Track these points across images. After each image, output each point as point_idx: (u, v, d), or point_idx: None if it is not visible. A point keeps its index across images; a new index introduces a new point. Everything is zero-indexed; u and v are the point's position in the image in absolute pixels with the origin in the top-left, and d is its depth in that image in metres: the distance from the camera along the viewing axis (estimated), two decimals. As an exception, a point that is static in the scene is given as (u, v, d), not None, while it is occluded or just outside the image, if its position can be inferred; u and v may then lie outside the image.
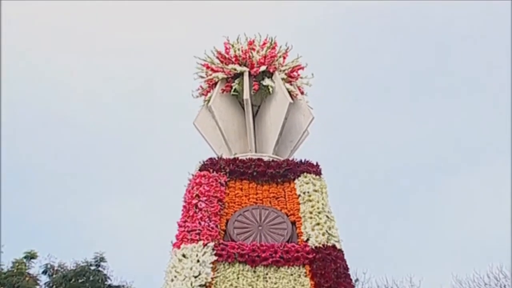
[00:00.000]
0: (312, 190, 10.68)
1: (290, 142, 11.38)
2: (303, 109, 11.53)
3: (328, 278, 9.78)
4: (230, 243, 10.23)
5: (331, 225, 10.37)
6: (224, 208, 10.65)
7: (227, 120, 11.47)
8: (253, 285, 9.81)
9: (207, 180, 10.84)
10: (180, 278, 9.72)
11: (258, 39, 11.77)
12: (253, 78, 11.53)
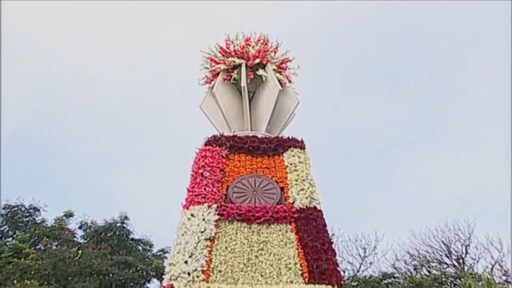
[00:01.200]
0: (297, 162, 10.70)
1: (279, 122, 11.36)
2: (290, 95, 11.50)
3: (309, 233, 9.88)
4: (230, 205, 10.26)
5: (312, 190, 10.40)
6: (225, 176, 10.67)
7: (227, 104, 11.43)
8: (249, 239, 9.88)
9: (211, 154, 10.84)
10: (189, 233, 9.78)
11: (254, 36, 11.71)
12: (249, 69, 11.49)
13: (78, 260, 26.24)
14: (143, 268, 27.85)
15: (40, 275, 24.63)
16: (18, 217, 29.41)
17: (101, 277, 26.31)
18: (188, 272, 9.35)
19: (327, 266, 9.56)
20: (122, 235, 29.16)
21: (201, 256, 9.55)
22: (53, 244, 27.74)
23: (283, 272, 9.53)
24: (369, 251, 37.13)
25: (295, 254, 9.74)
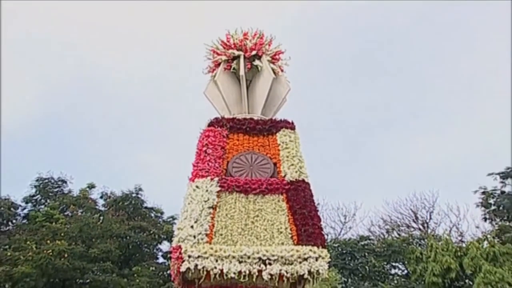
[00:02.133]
0: (288, 141, 10.68)
1: (273, 106, 11.30)
2: (282, 83, 11.44)
3: (298, 202, 9.86)
4: (230, 178, 10.22)
5: (301, 165, 10.38)
6: (225, 153, 10.63)
7: (227, 90, 11.36)
8: (246, 207, 9.87)
9: (213, 133, 10.80)
10: (194, 202, 9.74)
11: (251, 31, 11.62)
12: (247, 60, 11.41)
13: (100, 225, 26.39)
14: (155, 232, 27.99)
15: (68, 237, 24.82)
16: (48, 188, 29.50)
17: (119, 239, 26.49)
18: (194, 235, 9.34)
19: (313, 230, 9.55)
20: (137, 204, 29.31)
21: (205, 221, 9.53)
22: (79, 211, 27.86)
23: (275, 235, 9.53)
24: (349, 217, 37.41)
25: (285, 220, 9.73)
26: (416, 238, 34.00)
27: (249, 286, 9.18)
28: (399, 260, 30.78)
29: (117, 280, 24.17)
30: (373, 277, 29.09)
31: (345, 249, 30.23)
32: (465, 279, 27.43)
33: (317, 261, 9.10)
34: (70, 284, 25.19)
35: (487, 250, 26.61)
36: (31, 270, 22.89)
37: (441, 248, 27.66)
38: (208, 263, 8.97)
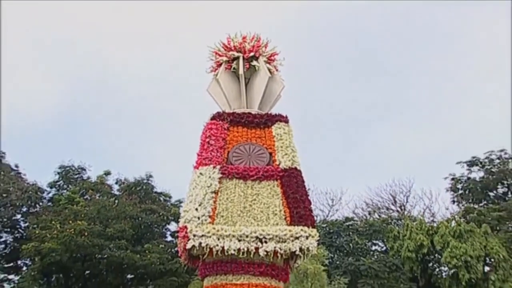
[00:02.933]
0: (282, 133, 10.57)
1: (269, 102, 11.15)
2: (277, 81, 11.29)
3: (291, 187, 9.78)
4: (230, 166, 10.11)
5: (294, 154, 10.28)
6: (226, 144, 10.51)
7: (228, 88, 11.22)
8: (245, 192, 9.79)
9: (215, 126, 10.68)
10: (199, 188, 9.68)
11: (249, 35, 11.44)
12: (245, 60, 11.24)
13: (115, 207, 26.41)
14: (164, 214, 28.04)
15: (87, 218, 24.90)
16: (70, 174, 29.54)
17: (132, 220, 26.53)
18: (198, 216, 9.29)
19: (304, 212, 9.50)
20: (148, 189, 29.35)
21: (208, 205, 9.47)
22: (96, 195, 27.86)
23: (270, 217, 9.47)
24: (336, 201, 37.47)
25: (280, 203, 9.66)
26: (394, 219, 34.10)
27: (247, 261, 9.16)
28: (379, 238, 30.87)
29: (130, 255, 24.29)
30: (356, 253, 29.15)
31: (332, 229, 30.27)
32: (435, 254, 27.64)
33: (308, 239, 9.09)
34: (90, 259, 25.28)
35: (454, 229, 26.89)
36: (56, 246, 23.25)
37: (416, 228, 27.79)
38: (211, 241, 8.96)
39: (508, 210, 29.18)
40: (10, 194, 25.91)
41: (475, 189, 32.54)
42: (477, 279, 25.13)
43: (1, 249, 27.27)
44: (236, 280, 9.12)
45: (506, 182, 32.52)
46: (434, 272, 28.53)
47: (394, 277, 26.63)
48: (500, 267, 25.20)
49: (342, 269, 26.31)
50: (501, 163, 32.33)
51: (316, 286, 20.09)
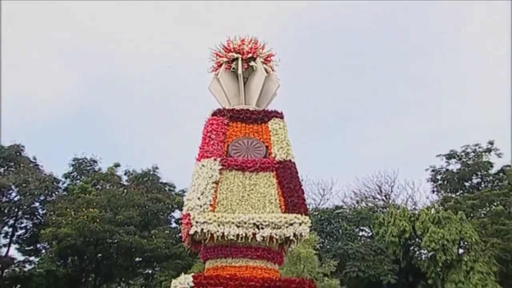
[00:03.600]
0: (278, 128, 10.47)
1: (265, 99, 11.03)
2: (273, 80, 11.17)
3: (286, 178, 9.72)
4: (230, 158, 10.03)
5: (288, 148, 10.20)
6: (226, 138, 10.42)
7: (228, 86, 11.10)
8: (243, 182, 9.72)
9: (216, 122, 10.57)
10: (201, 178, 9.60)
11: (247, 38, 11.33)
12: (244, 61, 11.12)
13: (124, 196, 26.32)
14: (169, 202, 27.96)
15: (99, 206, 24.80)
16: (83, 166, 29.41)
17: (140, 208, 26.44)
18: (200, 205, 9.23)
19: (298, 201, 9.45)
20: (154, 179, 29.27)
21: (209, 194, 9.41)
22: (107, 185, 27.76)
23: (266, 205, 9.42)
24: (327, 191, 37.40)
25: (275, 192, 9.59)
26: (379, 207, 34.08)
27: (245, 246, 9.12)
28: (366, 225, 30.86)
29: (138, 240, 24.29)
30: (344, 238, 29.14)
31: (323, 216, 30.22)
32: (416, 238, 27.71)
33: (301, 226, 9.06)
34: (102, 243, 25.22)
35: (433, 216, 27.00)
36: (71, 232, 23.26)
37: (399, 215, 27.80)
38: (212, 228, 8.92)
39: (481, 198, 29.37)
40: (29, 184, 25.84)
41: (453, 179, 32.64)
42: (452, 260, 25.35)
43: (22, 234, 27.42)
44: (235, 263, 9.08)
45: (480, 173, 32.65)
46: (415, 255, 28.63)
47: (379, 260, 26.68)
48: (472, 249, 25.45)
49: (332, 252, 26.31)
50: (475, 156, 32.42)
51: (308, 268, 20.07)
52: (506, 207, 28.08)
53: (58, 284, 25.47)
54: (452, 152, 32.87)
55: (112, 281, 28.34)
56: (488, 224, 27.38)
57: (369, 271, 25.99)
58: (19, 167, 26.90)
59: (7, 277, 26.19)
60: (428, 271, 26.34)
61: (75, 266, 26.60)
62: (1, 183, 24.99)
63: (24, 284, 26.06)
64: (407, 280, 27.56)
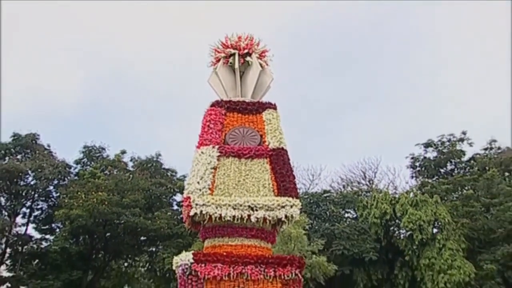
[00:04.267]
0: (271, 118, 10.31)
1: (260, 92, 10.83)
2: (268, 74, 10.99)
3: (278, 164, 9.62)
4: (227, 146, 9.89)
5: (281, 136, 10.06)
6: (224, 127, 10.26)
7: (226, 79, 10.92)
8: (239, 168, 9.61)
9: (214, 112, 10.41)
10: (200, 164, 9.48)
11: (243, 35, 11.11)
12: (240, 56, 10.92)
13: (130, 181, 26.22)
14: (171, 186, 27.86)
15: (107, 190, 24.67)
16: (92, 153, 29.17)
17: (144, 192, 26.36)
18: (200, 188, 9.13)
19: (289, 185, 9.37)
20: (157, 165, 29.11)
21: (208, 178, 9.30)
22: (114, 171, 27.61)
23: (261, 189, 9.32)
24: (315, 176, 37.39)
25: (269, 177, 9.49)
26: (364, 191, 34.16)
27: (241, 226, 9.05)
28: (351, 207, 30.91)
29: (143, 221, 24.24)
30: (331, 219, 29.19)
31: (312, 200, 30.23)
32: (396, 220, 27.85)
33: (292, 208, 8.99)
34: (110, 223, 25.15)
35: (412, 199, 27.22)
36: (82, 213, 23.25)
37: (381, 198, 27.89)
38: (210, 210, 8.84)
39: (453, 183, 29.62)
40: (44, 169, 25.75)
41: (429, 166, 32.78)
42: (427, 239, 25.65)
43: (38, 214, 27.44)
44: (231, 242, 9.03)
45: (453, 161, 32.85)
46: (394, 235, 28.78)
47: (362, 239, 26.80)
48: (445, 228, 25.77)
49: (320, 232, 26.36)
50: (450, 145, 32.55)
51: (298, 247, 20.12)
52: (475, 191, 28.35)
53: (71, 260, 25.49)
54: (429, 141, 32.98)
55: (119, 257, 28.31)
56: (460, 206, 27.63)
57: (353, 249, 26.09)
58: (35, 154, 26.86)
59: (26, 253, 26.38)
60: (405, 249, 26.56)
61: (86, 244, 26.54)
62: (18, 168, 25.01)
63: (41, 260, 26.18)
64: (387, 257, 27.72)
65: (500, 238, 25.30)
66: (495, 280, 24.13)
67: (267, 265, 8.59)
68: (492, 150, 32.11)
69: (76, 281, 24.64)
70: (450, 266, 24.29)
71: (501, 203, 25.95)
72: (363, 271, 26.72)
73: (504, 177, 29.22)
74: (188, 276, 8.46)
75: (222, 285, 8.43)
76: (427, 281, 24.91)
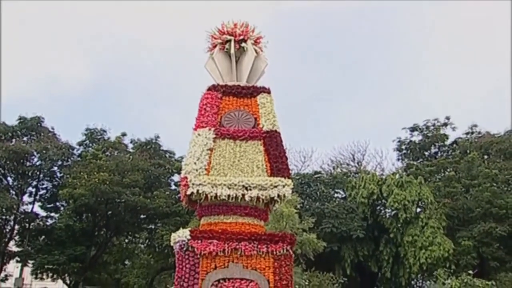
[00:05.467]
0: (265, 102, 10.12)
1: (255, 76, 10.61)
2: (262, 59, 10.76)
3: (272, 146, 9.49)
4: (223, 128, 9.74)
5: (275, 119, 9.89)
6: (219, 110, 10.07)
7: (222, 64, 10.68)
8: (234, 149, 9.47)
9: (211, 96, 10.20)
10: (197, 146, 9.34)
11: (239, 22, 10.86)
12: (236, 42, 10.67)
13: (130, 162, 26.12)
14: (169, 167, 27.81)
15: (108, 170, 24.57)
16: (94, 135, 28.98)
17: (144, 172, 26.27)
18: (196, 169, 9.01)
19: (282, 166, 9.27)
20: (156, 147, 28.97)
21: (204, 159, 9.17)
22: (115, 152, 27.47)
23: (254, 169, 9.22)
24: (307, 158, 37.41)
25: (262, 159, 9.37)
26: (352, 173, 34.30)
27: (235, 205, 8.96)
28: (340, 188, 31.09)
29: (143, 200, 24.24)
30: (322, 199, 29.37)
31: (304, 180, 30.34)
32: (382, 199, 28.10)
33: (284, 188, 8.90)
34: (111, 202, 25.11)
35: (397, 180, 27.43)
36: (85, 192, 23.24)
37: (369, 179, 28.05)
38: (206, 189, 8.74)
39: (437, 165, 29.86)
40: (48, 151, 25.65)
41: (415, 149, 32.95)
42: (411, 218, 25.97)
43: (44, 193, 27.50)
44: (226, 220, 8.97)
45: (437, 144, 33.05)
46: (380, 213, 29.08)
47: (350, 218, 27.03)
48: (428, 208, 26.12)
49: (310, 211, 26.52)
50: (434, 129, 32.70)
51: (289, 225, 20.20)
52: (457, 173, 28.62)
53: (75, 236, 25.57)
54: (415, 125, 33.08)
55: (120, 234, 28.40)
56: (442, 187, 27.91)
57: (342, 227, 26.34)
58: (40, 136, 26.71)
59: (33, 230, 26.56)
60: (390, 227, 26.87)
61: (89, 221, 26.55)
62: (25, 150, 24.98)
63: (47, 236, 26.33)
64: (373, 234, 28.05)
65: (478, 217, 25.68)
66: (471, 255, 24.59)
67: (260, 242, 8.56)
68: (473, 134, 32.31)
69: (80, 256, 24.75)
70: (431, 243, 24.67)
71: (479, 184, 26.24)
72: (351, 247, 27.03)
73: (484, 160, 29.48)
74: (185, 252, 8.43)
75: (217, 260, 8.41)
76: (410, 257, 25.31)
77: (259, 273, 8.38)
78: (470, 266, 23.91)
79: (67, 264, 24.11)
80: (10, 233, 25.88)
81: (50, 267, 25.52)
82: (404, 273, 26.19)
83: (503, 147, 28.77)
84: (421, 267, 25.15)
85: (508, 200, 25.04)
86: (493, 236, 24.40)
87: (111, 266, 29.46)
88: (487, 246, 24.71)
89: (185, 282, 8.23)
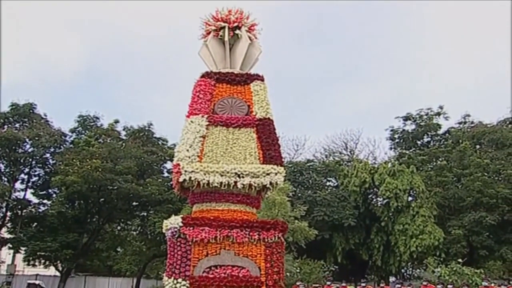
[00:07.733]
0: (259, 89, 10.06)
1: (248, 64, 10.50)
2: (256, 46, 10.65)
3: (264, 133, 9.48)
4: (215, 116, 9.70)
5: (268, 107, 9.85)
6: (213, 97, 10.01)
7: (216, 52, 10.57)
8: (227, 137, 9.46)
9: (204, 83, 10.12)
10: (190, 133, 9.31)
11: (233, 9, 10.72)
12: (230, 29, 10.56)
13: (123, 149, 26.01)
14: (162, 154, 27.72)
15: (101, 157, 24.45)
16: (87, 122, 28.77)
17: (137, 159, 26.18)
18: (189, 156, 9.00)
19: (274, 154, 9.27)
20: (149, 134, 28.82)
21: (197, 146, 9.14)
22: (108, 139, 27.28)
23: (247, 157, 9.22)
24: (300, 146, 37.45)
25: (255, 146, 9.36)
26: (345, 161, 34.37)
27: (228, 192, 8.97)
28: (332, 176, 31.19)
29: (135, 187, 24.20)
30: (314, 187, 29.49)
31: (296, 168, 30.38)
32: (374, 188, 28.26)
33: (276, 175, 8.91)
34: (104, 189, 25.04)
35: (389, 169, 27.53)
36: (77, 179, 23.15)
37: (361, 168, 28.14)
38: (198, 176, 8.73)
39: (429, 155, 30.02)
40: (41, 138, 25.46)
41: (407, 138, 33.06)
42: (402, 206, 26.15)
43: (36, 180, 27.36)
44: (218, 207, 8.98)
45: (430, 134, 33.15)
46: (372, 202, 29.26)
47: (342, 206, 27.17)
48: (419, 197, 26.31)
49: (302, 199, 26.61)
50: (427, 118, 32.74)
51: (281, 212, 20.29)
52: (449, 162, 28.79)
53: (67, 223, 25.47)
54: (408, 114, 33.10)
55: (113, 221, 28.39)
56: (433, 176, 28.08)
57: (333, 215, 26.49)
58: (32, 123, 26.48)
59: (25, 216, 26.42)
60: (382, 215, 27.07)
61: (81, 208, 26.46)
62: (17, 136, 24.80)
63: (39, 223, 26.18)
64: (364, 223, 28.26)
65: (468, 206, 25.94)
66: (461, 244, 24.90)
67: (251, 229, 8.59)
68: (466, 124, 32.46)
69: (72, 243, 24.72)
70: (422, 232, 24.92)
71: (471, 173, 26.45)
72: (342, 235, 27.26)
73: (475, 149, 29.69)
74: (177, 239, 8.44)
75: (209, 247, 8.44)
76: (400, 245, 25.58)
77: (250, 260, 8.43)
78: (459, 254, 24.21)
79: (59, 251, 24.06)
80: (2, 219, 25.78)
81: (42, 254, 25.45)
82: (395, 261, 26.51)
83: (495, 137, 28.96)
84: (411, 255, 25.45)
85: (499, 189, 25.29)
86: (483, 225, 24.70)
87: (103, 253, 29.49)
88: (477, 235, 25.02)
89: (177, 268, 8.26)
